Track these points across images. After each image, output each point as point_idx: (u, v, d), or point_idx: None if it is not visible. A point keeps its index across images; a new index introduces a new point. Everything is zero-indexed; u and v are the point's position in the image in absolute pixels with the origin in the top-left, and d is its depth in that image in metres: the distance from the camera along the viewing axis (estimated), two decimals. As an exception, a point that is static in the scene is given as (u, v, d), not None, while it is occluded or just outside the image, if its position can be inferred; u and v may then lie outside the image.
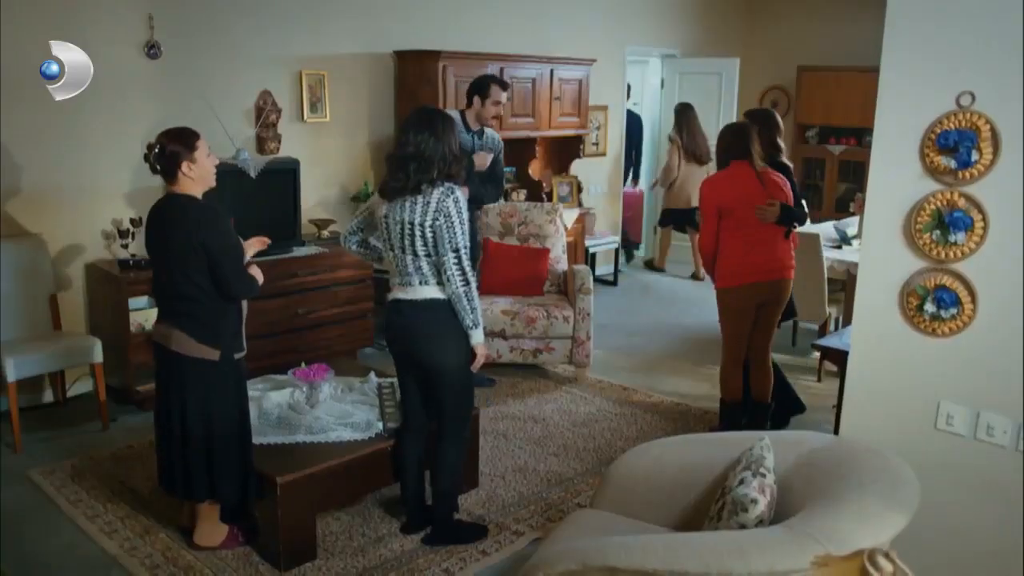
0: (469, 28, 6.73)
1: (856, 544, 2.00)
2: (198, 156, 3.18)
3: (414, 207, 3.22)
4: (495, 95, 4.95)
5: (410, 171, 3.21)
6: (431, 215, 3.20)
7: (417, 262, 3.27)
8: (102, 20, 4.86)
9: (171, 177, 3.19)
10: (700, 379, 5.68)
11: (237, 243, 3.31)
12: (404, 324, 3.38)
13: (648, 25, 8.65)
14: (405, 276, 3.33)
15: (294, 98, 5.82)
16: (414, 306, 3.33)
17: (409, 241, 3.24)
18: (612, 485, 3.02)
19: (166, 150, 3.14)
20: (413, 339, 3.37)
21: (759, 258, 4.28)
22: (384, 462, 3.59)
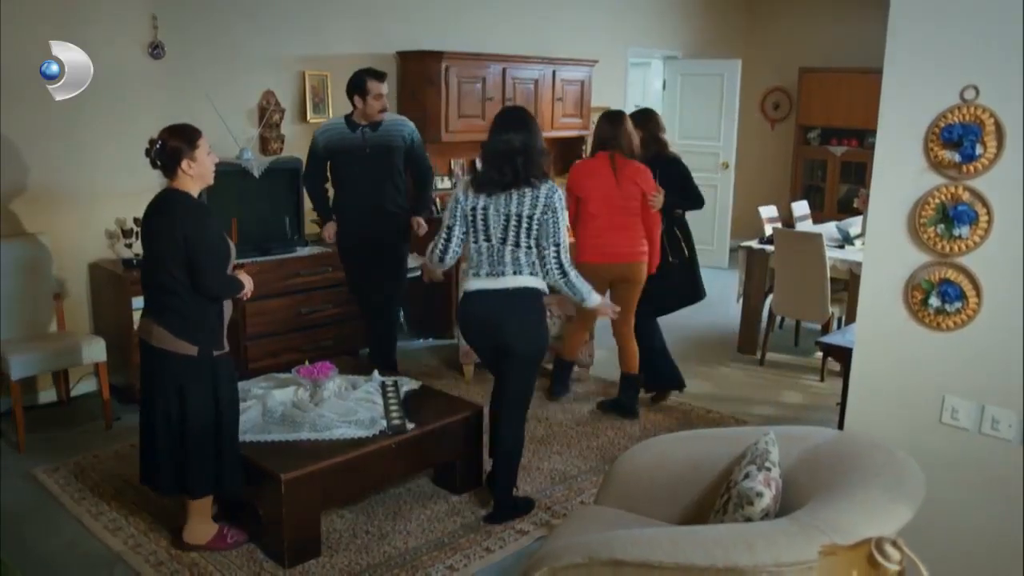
0: (471, 29, 6.74)
1: (862, 535, 1.99)
2: (198, 155, 3.20)
3: (522, 200, 3.41)
4: (374, 89, 4.78)
5: (518, 166, 3.39)
6: (540, 208, 3.40)
7: (516, 253, 3.44)
8: (105, 20, 4.87)
9: (170, 173, 3.21)
10: (703, 378, 5.68)
11: (221, 243, 3.28)
12: (491, 311, 3.51)
13: (650, 26, 8.67)
14: (498, 266, 3.47)
15: (297, 98, 5.83)
16: (506, 294, 3.48)
17: (514, 233, 3.42)
18: (616, 481, 3.02)
19: (167, 146, 3.16)
20: (500, 325, 3.51)
21: (609, 241, 4.63)
22: (388, 459, 3.58)
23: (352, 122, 4.85)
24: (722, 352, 6.24)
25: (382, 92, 4.82)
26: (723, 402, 5.22)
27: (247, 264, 5.06)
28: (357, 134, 4.81)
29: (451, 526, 3.67)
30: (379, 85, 4.80)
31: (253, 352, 5.17)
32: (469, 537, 3.58)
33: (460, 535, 3.60)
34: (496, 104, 6.51)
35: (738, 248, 6.46)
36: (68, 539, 3.51)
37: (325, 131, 4.90)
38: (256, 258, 5.13)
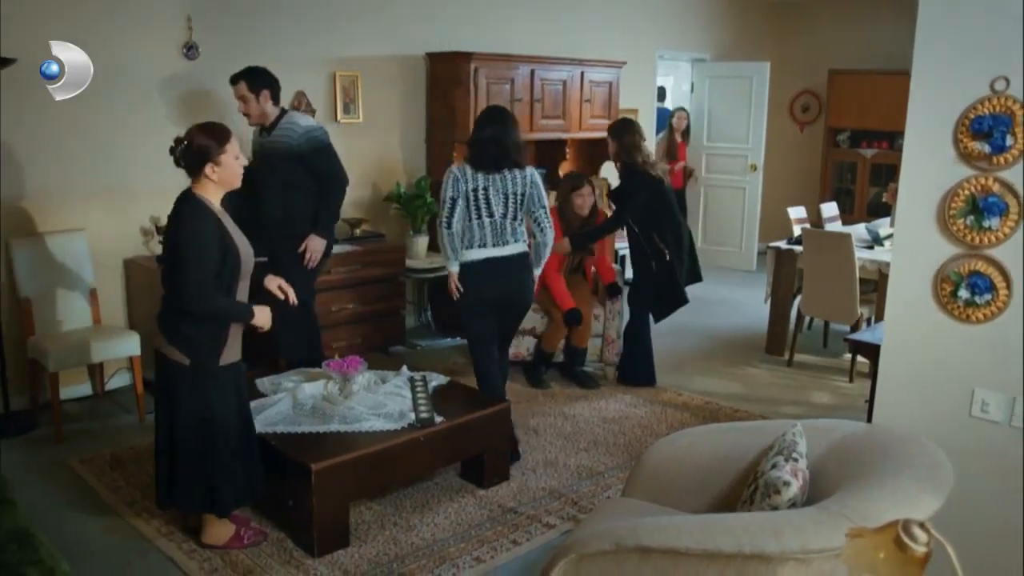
0: (500, 30, 6.79)
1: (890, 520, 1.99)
2: (224, 158, 3.07)
3: (515, 181, 4.10)
4: (234, 93, 4.58)
5: (511, 152, 4.06)
6: (528, 185, 4.12)
7: (515, 225, 4.12)
8: (141, 21, 4.97)
9: (194, 174, 3.09)
10: (730, 379, 5.67)
11: (210, 255, 3.03)
12: (506, 273, 4.14)
13: (678, 29, 8.68)
14: (502, 237, 4.11)
15: (328, 99, 5.90)
16: (515, 259, 4.16)
17: (513, 208, 4.10)
18: (644, 473, 3.03)
19: (193, 144, 3.05)
20: (514, 284, 4.17)
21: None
22: (416, 452, 3.62)
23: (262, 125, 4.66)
24: (750, 353, 6.22)
25: (236, 95, 4.57)
26: (751, 402, 5.21)
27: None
28: (259, 138, 4.66)
29: (478, 519, 3.70)
30: (233, 88, 4.56)
31: (283, 348, 5.22)
32: (496, 530, 3.61)
33: (487, 528, 3.63)
34: (525, 105, 6.56)
35: (766, 250, 6.44)
36: (104, 526, 3.58)
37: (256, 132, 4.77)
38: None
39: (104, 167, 4.95)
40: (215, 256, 3.03)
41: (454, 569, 3.30)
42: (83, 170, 4.87)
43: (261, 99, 4.51)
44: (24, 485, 3.72)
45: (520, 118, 6.45)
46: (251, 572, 3.23)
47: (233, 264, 3.10)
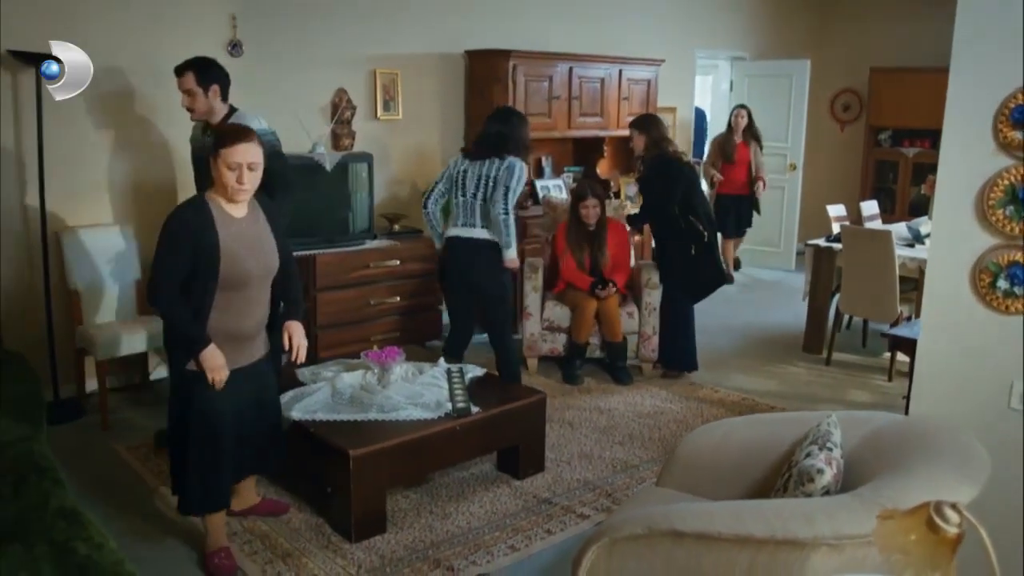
0: (539, 28, 6.83)
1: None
2: (217, 162, 2.97)
3: (491, 165, 4.55)
4: (178, 85, 4.08)
5: (499, 143, 4.55)
6: (502, 170, 4.50)
7: (484, 207, 4.52)
8: (187, 19, 5.08)
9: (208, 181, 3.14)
10: (768, 376, 5.65)
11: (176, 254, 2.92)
12: (462, 253, 4.61)
13: (717, 27, 8.65)
14: (470, 218, 4.59)
15: (368, 96, 5.98)
16: (471, 242, 4.58)
17: (483, 191, 4.53)
18: (678, 463, 3.04)
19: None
20: (465, 265, 4.61)
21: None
22: (453, 441, 3.66)
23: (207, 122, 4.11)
24: (787, 351, 6.19)
25: (182, 88, 4.07)
26: (787, 399, 5.19)
27: (320, 254, 5.22)
28: (207, 137, 4.02)
29: (513, 508, 3.73)
30: (178, 80, 4.08)
31: (323, 341, 5.31)
32: (530, 519, 3.64)
33: (522, 517, 3.66)
34: (563, 102, 6.60)
35: (805, 248, 6.40)
36: (149, 510, 3.68)
37: (194, 126, 4.31)
38: (326, 249, 5.29)
39: (150, 163, 5.06)
40: (182, 257, 2.91)
41: (489, 556, 3.33)
42: (130, 166, 4.99)
43: (210, 94, 4.04)
44: (72, 469, 3.84)
45: (558, 116, 6.55)
46: (290, 555, 3.30)
47: (206, 266, 2.92)
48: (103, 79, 4.73)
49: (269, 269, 3.13)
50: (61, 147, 4.65)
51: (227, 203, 3.03)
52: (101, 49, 4.70)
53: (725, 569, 2.22)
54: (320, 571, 3.20)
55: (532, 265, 5.57)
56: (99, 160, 4.87)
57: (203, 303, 2.98)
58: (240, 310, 3.07)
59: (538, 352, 5.54)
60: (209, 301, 2.99)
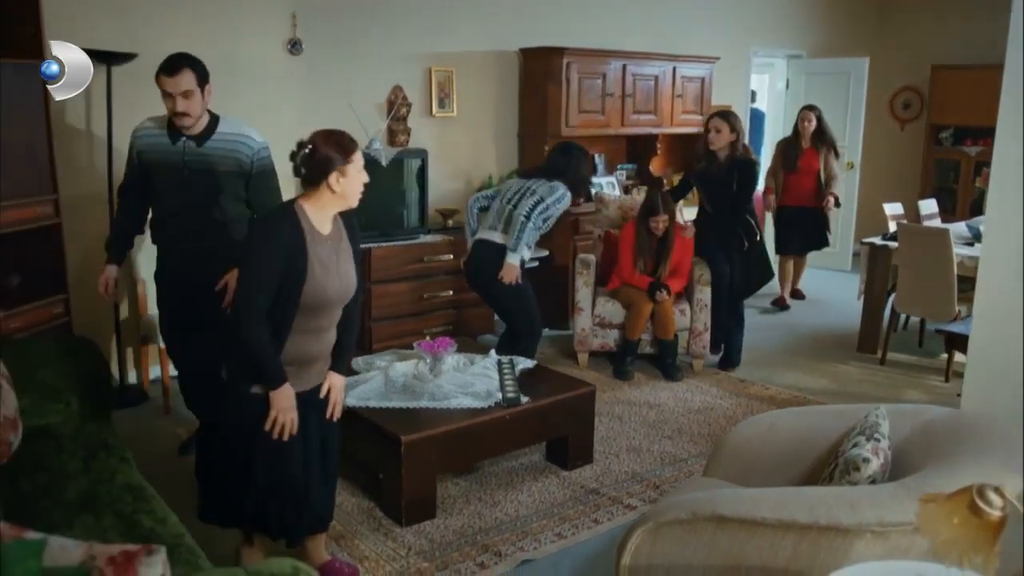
0: (593, 25, 6.87)
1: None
2: (351, 170, 2.71)
3: (535, 183, 4.78)
4: (163, 86, 3.47)
5: (550, 170, 4.87)
6: (545, 187, 4.74)
7: (513, 214, 4.68)
8: (250, 18, 5.23)
9: (313, 185, 2.72)
10: (820, 374, 5.61)
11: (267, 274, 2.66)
12: (476, 253, 4.80)
13: (774, 25, 8.58)
14: (498, 220, 4.76)
15: (424, 93, 6.08)
16: (487, 244, 4.75)
17: (517, 198, 4.73)
18: (725, 453, 3.06)
19: (318, 153, 2.67)
20: (475, 262, 4.81)
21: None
22: (502, 430, 3.72)
23: (174, 128, 3.56)
24: (841, 351, 6.13)
25: (170, 91, 3.45)
26: (839, 397, 5.14)
27: (375, 248, 5.33)
28: (178, 146, 3.56)
29: (561, 498, 3.78)
30: (167, 80, 3.45)
31: (377, 333, 5.42)
32: (578, 509, 3.69)
33: (569, 506, 3.71)
34: (616, 100, 6.63)
35: (860, 247, 6.32)
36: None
37: (141, 133, 3.69)
38: (381, 243, 5.39)
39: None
40: (275, 279, 2.67)
41: (536, 543, 3.39)
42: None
43: (206, 96, 3.57)
44: (136, 450, 3.97)
45: (611, 113, 6.58)
46: (342, 537, 3.39)
47: (290, 289, 2.68)
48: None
49: (347, 294, 2.88)
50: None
51: (322, 211, 2.76)
52: (165, 48, 4.84)
53: (768, 555, 2.24)
54: (371, 552, 3.29)
55: (584, 261, 5.61)
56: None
57: (281, 330, 2.73)
58: (311, 336, 2.81)
59: (589, 347, 5.58)
60: (287, 328, 2.74)
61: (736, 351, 5.70)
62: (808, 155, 7.00)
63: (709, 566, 2.33)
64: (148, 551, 1.88)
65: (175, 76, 3.43)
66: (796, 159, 7.01)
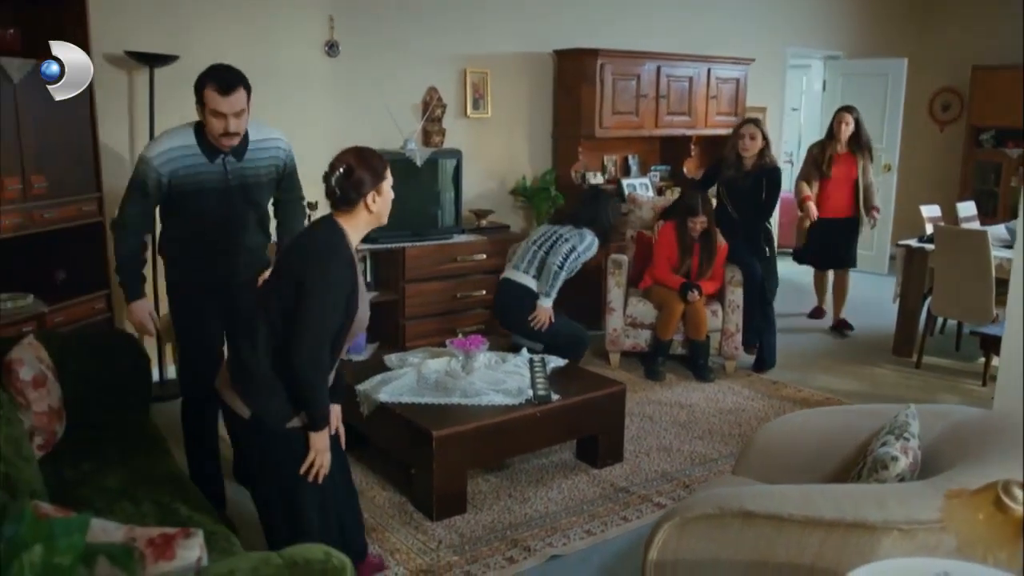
0: (627, 27, 6.88)
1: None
2: (385, 187, 2.69)
3: (564, 228, 5.03)
4: (210, 101, 3.12)
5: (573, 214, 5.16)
6: (573, 234, 4.94)
7: (540, 255, 4.90)
8: (287, 20, 5.32)
9: (347, 205, 2.64)
10: (853, 377, 5.57)
11: (337, 311, 2.57)
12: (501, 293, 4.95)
13: (810, 25, 8.53)
14: (523, 260, 4.96)
15: (458, 95, 6.13)
16: (513, 285, 4.91)
17: (545, 241, 4.94)
18: (755, 452, 3.06)
19: (354, 174, 2.61)
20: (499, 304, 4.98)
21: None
22: (533, 427, 3.76)
23: (207, 144, 3.22)
24: (876, 354, 6.08)
25: (222, 110, 3.12)
26: (872, 400, 5.09)
27: (409, 247, 5.40)
28: (217, 164, 3.25)
29: (590, 495, 3.81)
30: (219, 98, 3.11)
31: (410, 331, 5.48)
32: (607, 506, 3.71)
33: (598, 504, 3.73)
34: (651, 101, 6.64)
35: (896, 248, 6.27)
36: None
37: (164, 157, 3.19)
38: (414, 243, 5.46)
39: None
40: (341, 312, 2.59)
41: (565, 539, 3.42)
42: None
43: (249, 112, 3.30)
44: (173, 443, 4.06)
45: (645, 114, 6.60)
46: (374, 530, 3.45)
47: (344, 319, 2.62)
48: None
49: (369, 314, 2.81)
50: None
51: (358, 232, 2.70)
52: (204, 49, 4.95)
53: (795, 551, 2.25)
54: (402, 545, 3.34)
55: (616, 262, 5.63)
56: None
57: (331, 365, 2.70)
58: (333, 367, 2.76)
59: (620, 347, 5.60)
60: (334, 360, 2.70)
61: (770, 353, 5.69)
62: (844, 161, 6.30)
63: (736, 562, 2.34)
64: (186, 534, 1.95)
65: (230, 95, 3.12)
66: (830, 165, 6.30)
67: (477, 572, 3.17)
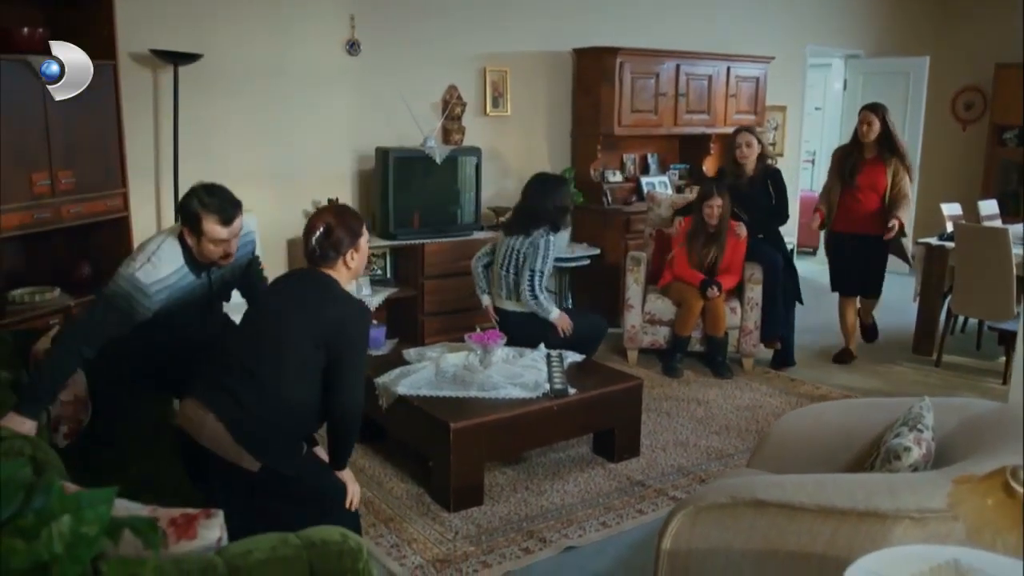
0: (646, 25, 6.90)
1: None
2: (362, 244, 2.81)
3: (517, 239, 4.61)
4: (211, 232, 2.99)
5: (525, 218, 4.62)
6: (526, 245, 4.56)
7: (517, 280, 4.59)
8: (309, 19, 5.38)
9: (327, 263, 2.76)
10: (872, 375, 5.56)
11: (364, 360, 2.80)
12: (508, 325, 4.58)
13: (830, 23, 8.51)
14: (502, 287, 4.68)
15: (478, 93, 6.18)
16: (512, 314, 4.67)
17: (514, 263, 4.60)
18: (770, 445, 3.09)
19: (333, 234, 2.73)
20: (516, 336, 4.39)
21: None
22: (549, 420, 3.79)
23: (194, 260, 3.08)
24: (895, 352, 6.06)
25: (224, 238, 3.03)
26: (892, 397, 5.09)
27: (428, 244, 5.44)
28: (203, 279, 3.16)
29: (606, 488, 3.83)
30: (220, 229, 3.01)
31: (428, 327, 5.53)
32: (623, 499, 3.74)
33: (614, 497, 3.76)
34: (669, 99, 6.66)
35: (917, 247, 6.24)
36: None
37: (159, 286, 2.96)
38: (434, 239, 5.50)
39: (272, 154, 5.37)
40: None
41: (580, 531, 3.44)
42: (254, 157, 5.31)
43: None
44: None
45: (664, 113, 6.61)
46: (391, 520, 3.49)
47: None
48: (231, 76, 5.08)
49: None
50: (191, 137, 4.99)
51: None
52: (227, 48, 5.06)
53: (807, 540, 2.27)
54: (419, 535, 3.38)
55: (634, 258, 5.65)
56: (226, 150, 5.19)
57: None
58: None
59: (639, 344, 5.61)
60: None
61: (791, 350, 5.70)
62: (870, 168, 5.43)
63: (748, 550, 2.36)
64: (207, 515, 2.00)
65: (227, 227, 3.02)
66: (854, 172, 5.47)
67: (493, 562, 3.20)
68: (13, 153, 3.72)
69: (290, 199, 5.47)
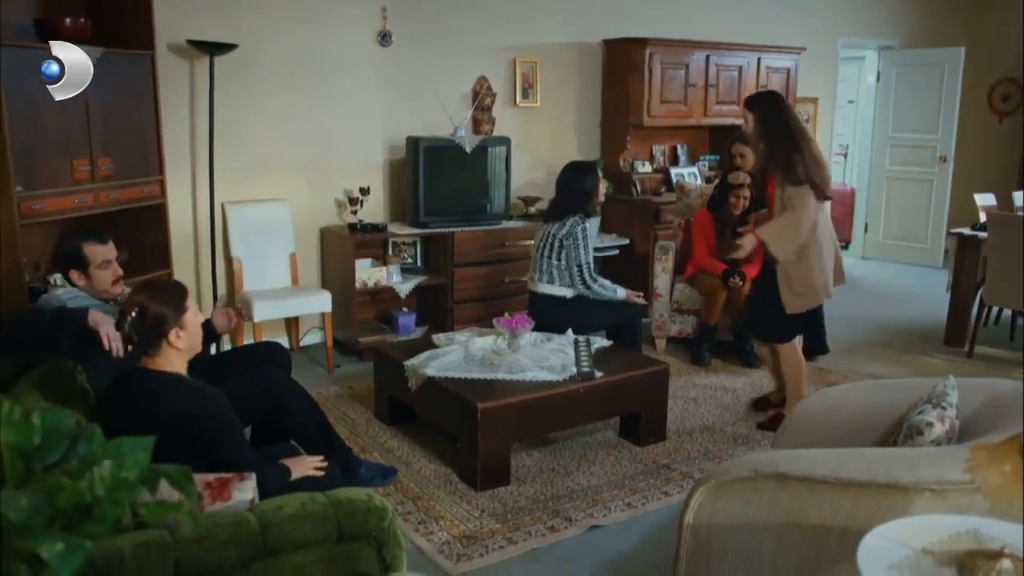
0: (676, 16, 6.91)
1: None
2: (188, 319, 2.52)
3: (555, 225, 4.68)
4: (93, 255, 3.25)
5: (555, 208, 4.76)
6: (564, 236, 4.61)
7: (551, 262, 4.65)
8: (341, 11, 5.46)
9: (151, 348, 2.49)
10: (902, 365, 5.53)
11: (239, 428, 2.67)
12: (536, 307, 4.70)
13: (863, 13, 8.44)
14: (536, 268, 4.73)
15: (508, 84, 6.23)
16: (539, 296, 4.72)
17: (548, 247, 4.65)
18: (794, 426, 3.10)
19: (148, 315, 2.45)
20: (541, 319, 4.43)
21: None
22: (576, 402, 3.83)
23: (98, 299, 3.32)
24: (927, 344, 6.02)
25: (109, 257, 3.29)
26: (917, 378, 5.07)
27: (458, 232, 5.50)
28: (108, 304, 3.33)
29: (632, 471, 3.87)
30: (101, 249, 3.27)
31: (458, 315, 5.59)
32: (648, 481, 3.77)
33: (640, 479, 3.79)
34: (699, 90, 6.66)
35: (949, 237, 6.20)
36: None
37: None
38: (463, 227, 5.56)
39: (305, 143, 5.46)
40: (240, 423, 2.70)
41: (606, 511, 3.48)
42: (287, 145, 5.40)
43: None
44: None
45: (694, 104, 6.63)
46: (419, 498, 3.56)
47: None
48: (265, 67, 5.18)
49: None
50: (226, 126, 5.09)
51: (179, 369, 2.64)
52: (261, 38, 5.15)
53: (827, 512, 2.29)
54: (447, 513, 3.44)
55: (663, 247, 5.67)
56: (260, 139, 5.29)
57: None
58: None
59: (666, 333, 5.63)
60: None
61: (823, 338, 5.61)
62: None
63: (770, 524, 2.39)
64: (241, 477, 2.07)
65: (108, 244, 3.29)
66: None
67: (519, 539, 3.25)
68: (56, 140, 3.84)
69: (322, 187, 5.56)
